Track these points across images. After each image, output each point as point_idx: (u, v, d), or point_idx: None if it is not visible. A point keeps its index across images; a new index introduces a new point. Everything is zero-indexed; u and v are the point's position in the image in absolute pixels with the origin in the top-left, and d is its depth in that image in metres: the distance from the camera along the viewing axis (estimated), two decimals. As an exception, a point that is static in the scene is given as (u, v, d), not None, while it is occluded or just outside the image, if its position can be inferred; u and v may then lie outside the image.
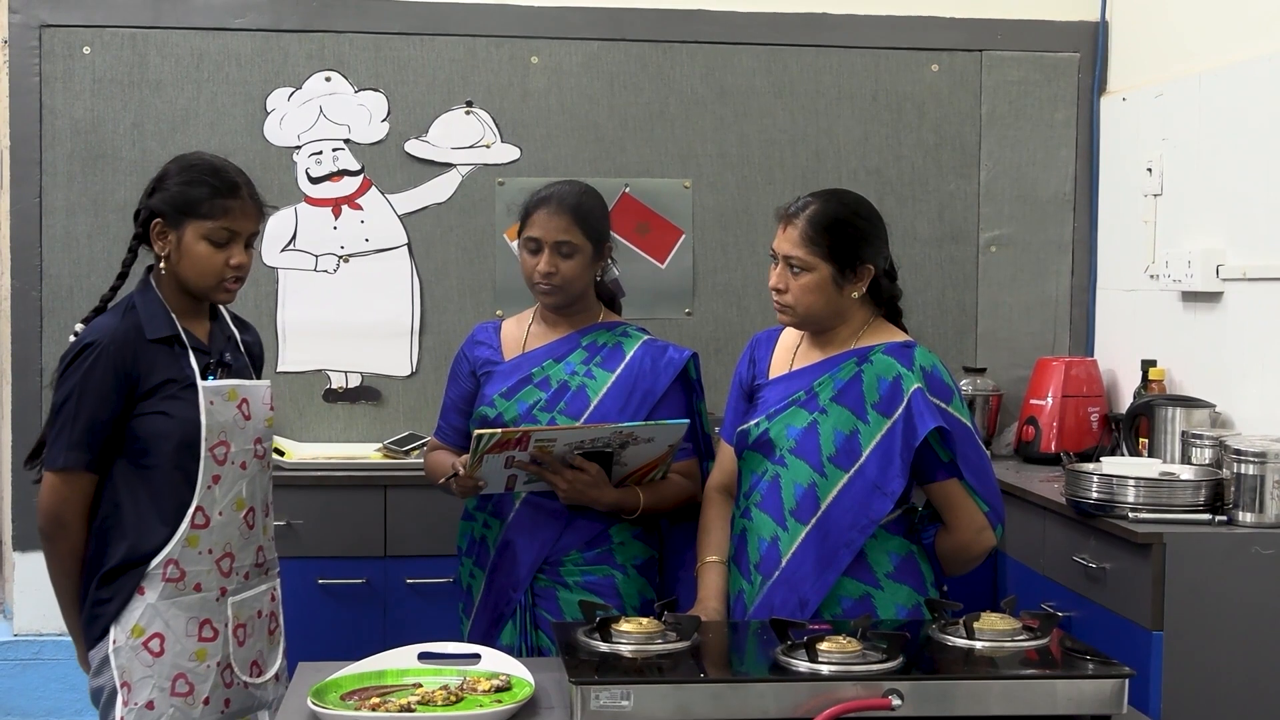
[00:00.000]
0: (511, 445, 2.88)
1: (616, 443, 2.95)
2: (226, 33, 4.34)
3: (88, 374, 2.69)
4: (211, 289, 2.80)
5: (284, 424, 4.37)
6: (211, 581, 2.78)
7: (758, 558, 2.80)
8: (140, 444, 2.73)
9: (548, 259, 3.06)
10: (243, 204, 2.82)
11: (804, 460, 2.78)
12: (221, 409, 2.79)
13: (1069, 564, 3.51)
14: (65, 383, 2.71)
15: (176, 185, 2.78)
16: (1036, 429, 4.32)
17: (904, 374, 2.76)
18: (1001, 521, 2.84)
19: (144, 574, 2.71)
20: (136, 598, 2.71)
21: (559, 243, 3.06)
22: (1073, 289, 4.63)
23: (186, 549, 2.74)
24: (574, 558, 3.09)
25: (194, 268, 2.77)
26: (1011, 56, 4.60)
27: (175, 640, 2.73)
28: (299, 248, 4.40)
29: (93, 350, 2.70)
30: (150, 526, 2.72)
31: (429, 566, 3.93)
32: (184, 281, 2.80)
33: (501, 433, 2.86)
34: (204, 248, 2.77)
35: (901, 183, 4.57)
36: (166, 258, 2.79)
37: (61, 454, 2.69)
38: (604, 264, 3.16)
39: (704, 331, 4.49)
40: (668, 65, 4.49)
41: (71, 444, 2.68)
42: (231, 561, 2.81)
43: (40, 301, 4.28)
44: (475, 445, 2.86)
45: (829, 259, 2.79)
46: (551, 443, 2.91)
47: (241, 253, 2.81)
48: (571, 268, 3.07)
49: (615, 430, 2.93)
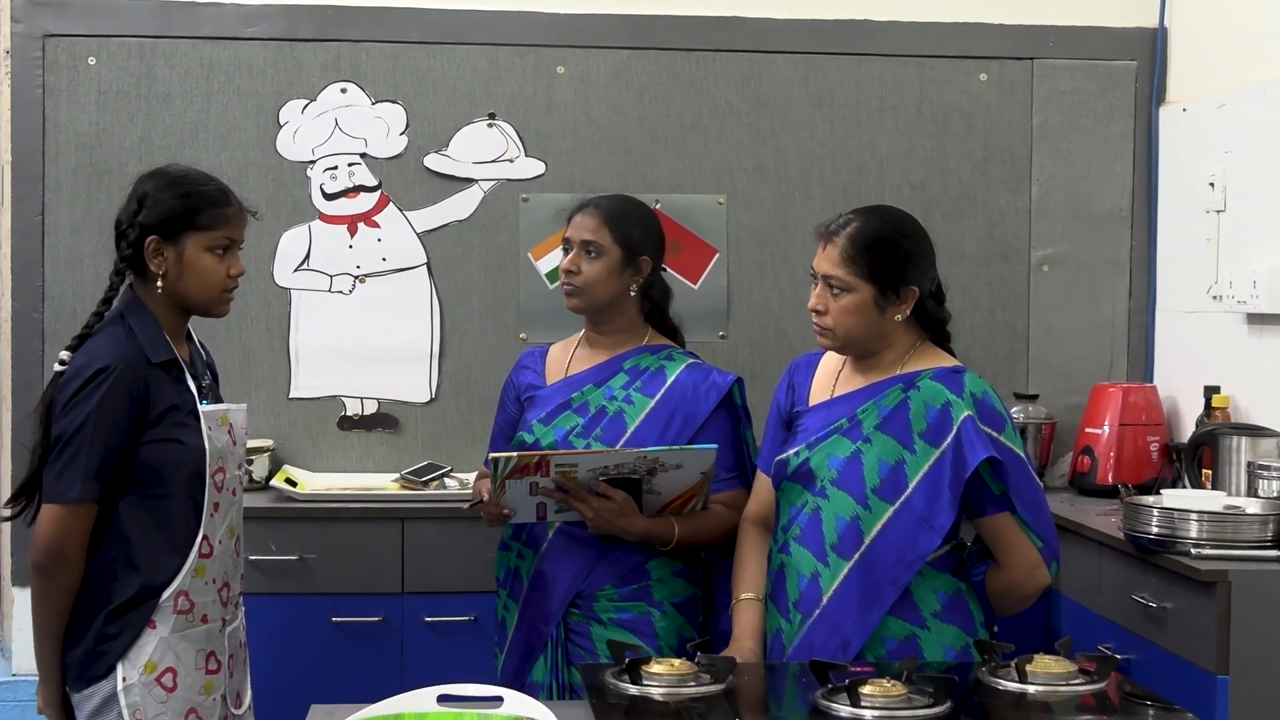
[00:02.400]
0: (532, 470, 2.90)
1: (643, 469, 2.96)
2: (238, 42, 4.37)
3: (103, 400, 2.71)
4: (214, 302, 2.87)
5: (296, 453, 4.39)
6: (215, 612, 2.85)
7: (797, 595, 2.80)
8: (151, 473, 2.76)
9: (572, 257, 3.16)
10: (236, 211, 2.89)
11: (846, 492, 2.78)
12: (218, 434, 2.85)
13: (1127, 603, 3.49)
14: (75, 410, 2.72)
15: (169, 199, 2.82)
16: (1092, 459, 4.30)
17: (953, 401, 2.76)
18: (1056, 558, 2.83)
19: (156, 607, 2.76)
20: (148, 632, 2.75)
21: (585, 242, 3.15)
22: (1130, 311, 4.61)
23: (195, 579, 2.80)
24: (609, 593, 3.10)
25: (198, 281, 2.83)
26: (1064, 65, 4.59)
27: (186, 674, 2.78)
28: (313, 267, 4.42)
29: (106, 375, 2.72)
30: (162, 558, 2.77)
31: (449, 604, 3.93)
32: (185, 298, 2.84)
33: (518, 456, 2.88)
34: (208, 259, 2.82)
35: (948, 199, 4.57)
36: (163, 276, 2.82)
37: (76, 485, 2.71)
38: (640, 280, 3.18)
39: (739, 356, 4.48)
40: (701, 75, 4.50)
41: (86, 474, 2.71)
42: (228, 591, 2.89)
43: (42, 324, 4.30)
44: (494, 470, 2.91)
45: (870, 280, 2.79)
46: (573, 468, 2.92)
47: (239, 261, 2.90)
48: (595, 270, 3.13)
49: (639, 455, 2.94)
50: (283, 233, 4.39)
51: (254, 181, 4.32)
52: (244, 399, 4.27)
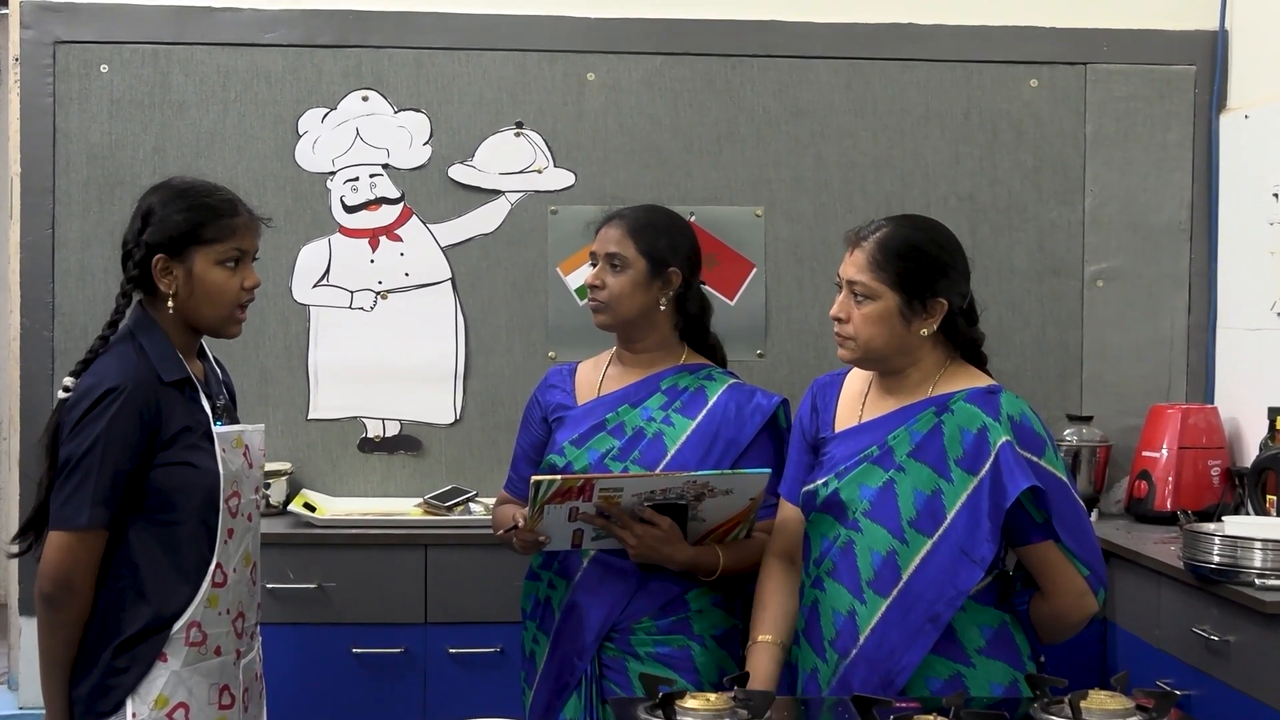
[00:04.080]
0: (574, 495, 2.88)
1: (691, 494, 2.94)
2: (255, 49, 4.39)
3: (113, 422, 2.71)
4: (226, 319, 2.87)
5: (315, 477, 4.40)
6: (229, 644, 2.84)
7: (833, 633, 2.77)
8: (162, 498, 2.76)
9: (597, 271, 3.16)
10: (245, 220, 2.88)
11: (881, 524, 2.76)
12: (232, 457, 2.85)
13: (1188, 636, 3.46)
14: (84, 432, 2.71)
15: (174, 214, 2.82)
16: (1150, 484, 4.27)
17: (989, 425, 2.73)
18: (1104, 585, 2.81)
19: (167, 639, 2.75)
20: (158, 665, 2.75)
21: (609, 254, 3.15)
22: (1190, 328, 4.59)
23: (208, 610, 2.79)
24: (646, 625, 3.09)
25: (210, 298, 2.83)
26: (1119, 70, 4.57)
27: (199, 709, 2.78)
28: (333, 283, 4.43)
29: (116, 395, 2.72)
30: (173, 588, 2.76)
31: (474, 634, 3.93)
32: (196, 316, 2.84)
33: (561, 480, 2.86)
34: (219, 274, 2.82)
35: (997, 210, 4.55)
36: (174, 295, 2.82)
37: (85, 511, 2.70)
38: (670, 292, 3.17)
39: (778, 375, 4.47)
40: (737, 82, 4.50)
41: (96, 500, 2.70)
42: (243, 621, 2.88)
43: (52, 342, 4.32)
44: (534, 494, 2.87)
45: (897, 288, 2.77)
46: (618, 493, 2.90)
47: (253, 273, 2.89)
48: (620, 284, 3.12)
49: (689, 480, 2.93)
50: (301, 247, 4.40)
51: (272, 193, 4.34)
52: (261, 420, 4.27)
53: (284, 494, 4.24)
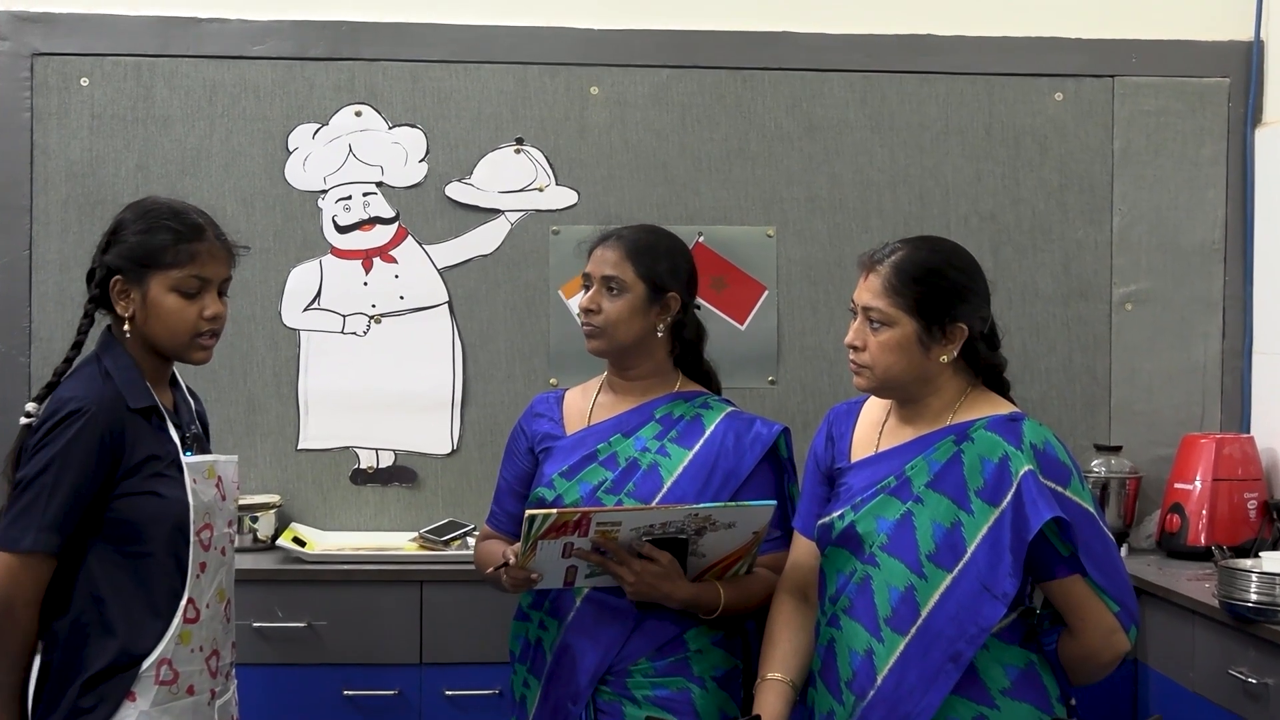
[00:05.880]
0: (569, 530, 2.87)
1: (692, 528, 2.94)
2: (243, 61, 4.39)
3: (71, 444, 2.71)
4: (185, 347, 2.85)
5: (306, 510, 4.39)
6: (203, 683, 2.83)
7: (849, 674, 2.76)
8: (128, 528, 2.75)
9: (592, 294, 3.16)
10: (210, 246, 2.86)
11: (898, 559, 2.75)
12: (204, 488, 2.84)
13: (1223, 678, 3.45)
14: (41, 453, 2.71)
15: (133, 235, 2.82)
16: (1183, 518, 4.26)
17: (1011, 454, 2.73)
18: (1136, 622, 2.79)
19: (136, 676, 2.74)
20: (126, 704, 2.73)
21: (605, 277, 3.15)
22: (1224, 353, 4.58)
23: (179, 647, 2.78)
24: (643, 667, 3.07)
25: (165, 325, 2.82)
26: (1149, 83, 4.57)
27: None
28: (324, 306, 4.43)
29: (78, 417, 2.72)
30: (142, 622, 2.75)
31: (471, 676, 3.92)
32: (154, 342, 2.84)
33: (557, 514, 2.86)
34: (174, 300, 2.81)
35: (1020, 230, 4.55)
36: (131, 319, 2.82)
37: (29, 533, 2.69)
38: (668, 318, 3.17)
39: (790, 403, 4.47)
40: (748, 96, 4.50)
41: (44, 523, 2.69)
42: (217, 660, 2.88)
43: (29, 368, 4.32)
44: (527, 529, 2.86)
45: (915, 313, 2.77)
46: (616, 527, 2.90)
47: (216, 302, 2.87)
48: (616, 308, 3.12)
49: (690, 513, 2.92)
50: (291, 269, 4.40)
51: (260, 212, 4.34)
52: (248, 450, 4.31)
53: (273, 528, 4.23)
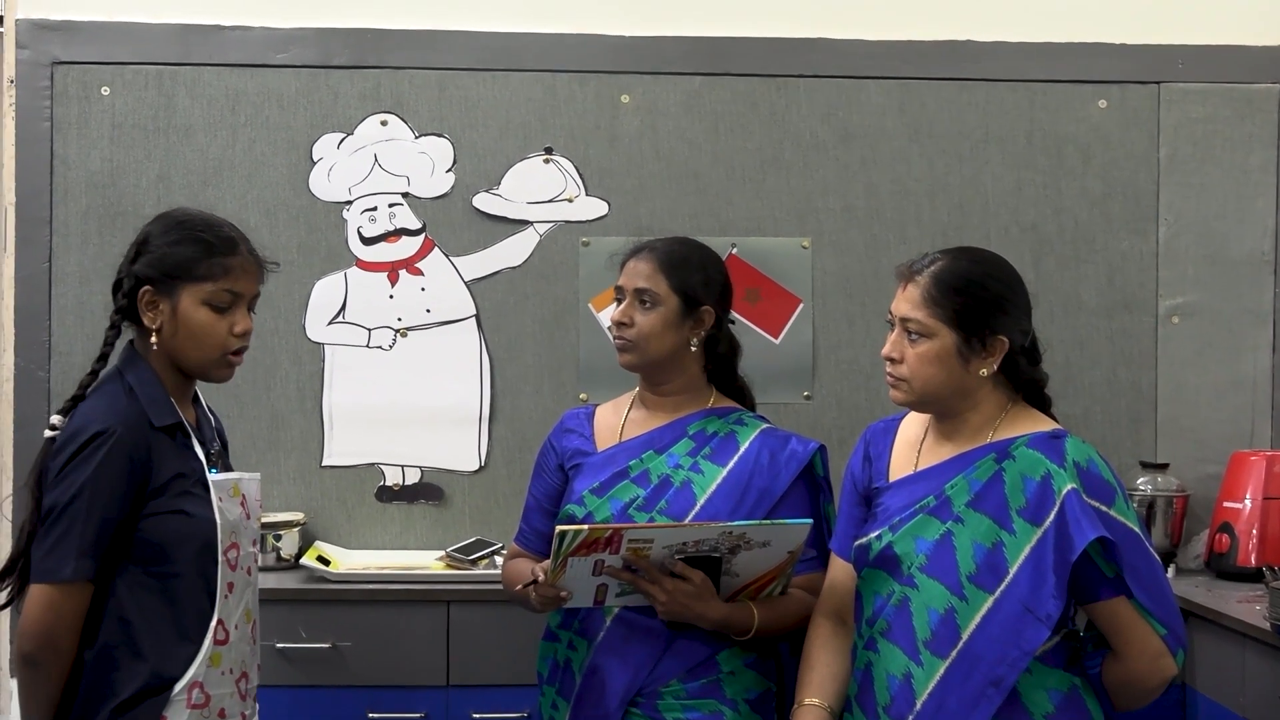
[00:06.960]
0: (600, 547, 2.87)
1: (725, 546, 2.94)
2: (267, 70, 4.41)
3: (101, 467, 2.70)
4: (213, 364, 2.86)
5: (330, 528, 4.39)
6: (234, 706, 2.84)
7: (887, 699, 2.76)
8: (155, 549, 2.75)
9: (624, 307, 3.17)
10: (243, 261, 2.87)
11: (938, 580, 2.74)
12: (229, 506, 2.85)
13: (1276, 704, 3.43)
14: (69, 478, 2.71)
15: (165, 246, 2.83)
16: (1232, 538, 4.24)
17: (1054, 472, 2.72)
18: (1183, 646, 2.78)
19: (168, 701, 2.74)
20: None
21: (638, 290, 3.17)
22: (1274, 367, 4.56)
23: (210, 669, 2.79)
24: (675, 689, 3.07)
25: (194, 339, 2.82)
26: (1195, 89, 4.55)
27: None
28: (349, 320, 4.44)
29: (104, 439, 2.71)
30: (172, 645, 2.76)
31: (499, 698, 3.92)
32: (181, 357, 2.84)
33: (589, 530, 2.86)
34: (205, 315, 2.82)
35: (1063, 241, 4.53)
36: (158, 331, 2.82)
37: (69, 562, 2.69)
38: (701, 333, 3.18)
39: (826, 419, 4.46)
40: (782, 104, 4.50)
41: (81, 550, 2.69)
42: (246, 682, 2.89)
43: (48, 383, 4.33)
44: (558, 545, 2.86)
45: (954, 325, 2.77)
46: (648, 544, 2.89)
47: (245, 318, 2.88)
48: (649, 322, 3.14)
49: (724, 531, 2.92)
50: (316, 281, 4.41)
51: (284, 224, 4.35)
52: (272, 466, 4.32)
53: (296, 546, 4.24)
